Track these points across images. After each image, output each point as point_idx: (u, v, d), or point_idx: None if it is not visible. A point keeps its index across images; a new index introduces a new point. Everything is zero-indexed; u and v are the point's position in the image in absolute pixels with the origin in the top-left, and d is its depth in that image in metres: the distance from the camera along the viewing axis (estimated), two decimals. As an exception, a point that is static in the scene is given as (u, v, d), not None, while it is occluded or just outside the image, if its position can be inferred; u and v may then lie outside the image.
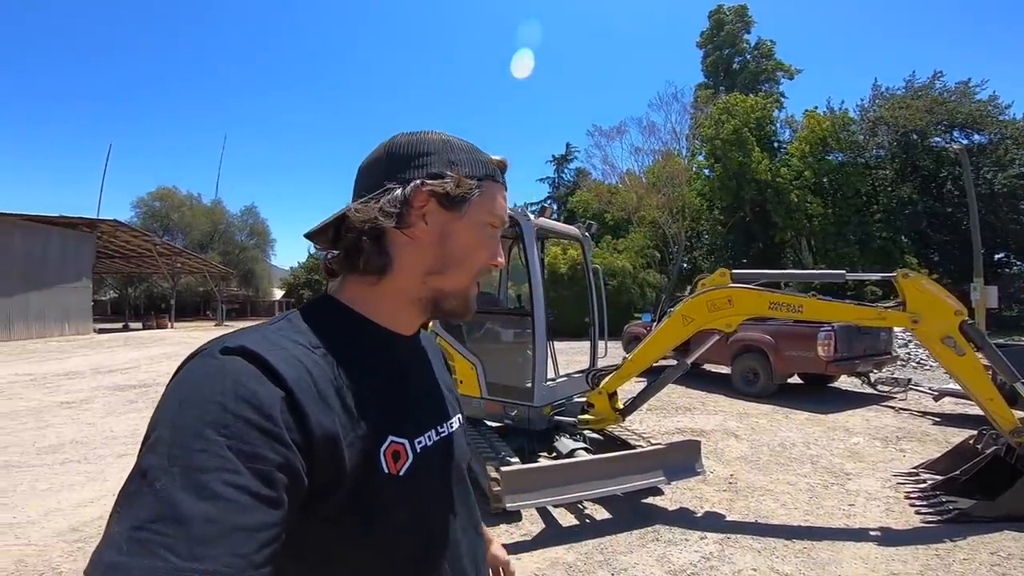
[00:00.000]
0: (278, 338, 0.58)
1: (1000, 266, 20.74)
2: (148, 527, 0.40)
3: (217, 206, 43.97)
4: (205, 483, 0.43)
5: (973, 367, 3.53)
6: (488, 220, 0.70)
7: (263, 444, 0.47)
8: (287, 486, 0.47)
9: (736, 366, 8.44)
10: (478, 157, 0.70)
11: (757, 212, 24.20)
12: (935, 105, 20.82)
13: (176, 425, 0.47)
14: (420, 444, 0.65)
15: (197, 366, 0.53)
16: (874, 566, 2.88)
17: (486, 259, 0.71)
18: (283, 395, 0.51)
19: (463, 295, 0.71)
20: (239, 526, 0.42)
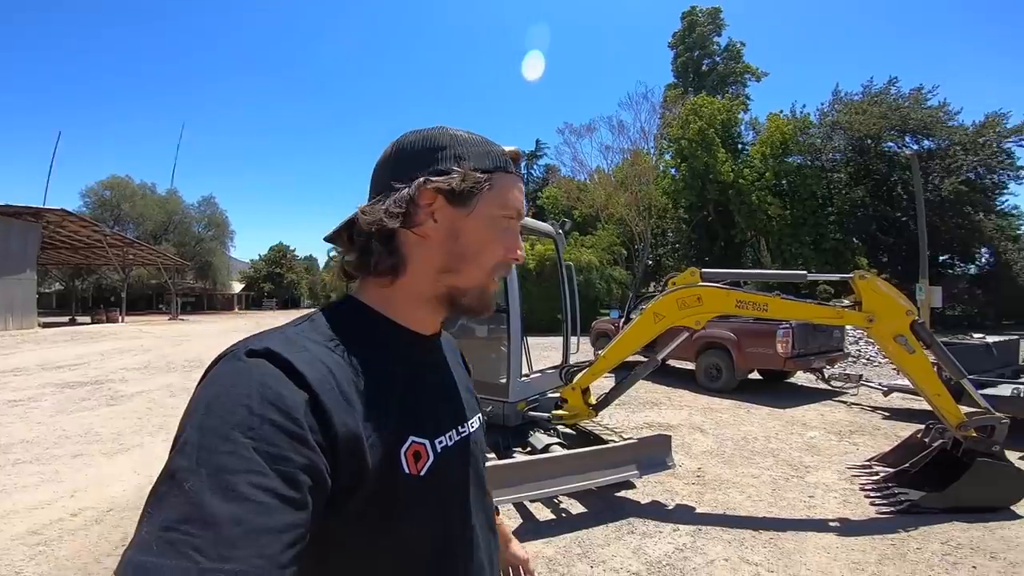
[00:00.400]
0: (301, 339, 0.59)
1: (944, 267, 21.94)
2: (177, 528, 0.41)
3: (172, 196, 42.60)
4: (232, 484, 0.44)
5: (922, 364, 3.71)
6: (501, 213, 0.69)
7: (288, 446, 0.48)
8: (311, 487, 0.48)
9: (700, 362, 8.70)
10: (487, 149, 0.70)
11: (720, 211, 24.89)
12: (889, 111, 21.66)
13: (204, 427, 0.48)
14: (440, 444, 0.66)
15: (224, 369, 0.54)
16: (835, 555, 3.04)
17: (502, 254, 0.70)
18: (307, 397, 0.52)
19: (480, 291, 0.71)
20: (265, 527, 0.43)
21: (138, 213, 39.17)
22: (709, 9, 35.42)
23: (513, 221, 0.71)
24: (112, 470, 4.62)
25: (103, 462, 4.83)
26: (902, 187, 21.74)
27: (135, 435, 5.79)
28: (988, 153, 20.43)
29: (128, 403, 7.42)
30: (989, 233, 20.85)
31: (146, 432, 5.91)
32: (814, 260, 21.32)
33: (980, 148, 20.45)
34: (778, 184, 23.64)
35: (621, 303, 17.16)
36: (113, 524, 3.56)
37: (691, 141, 23.58)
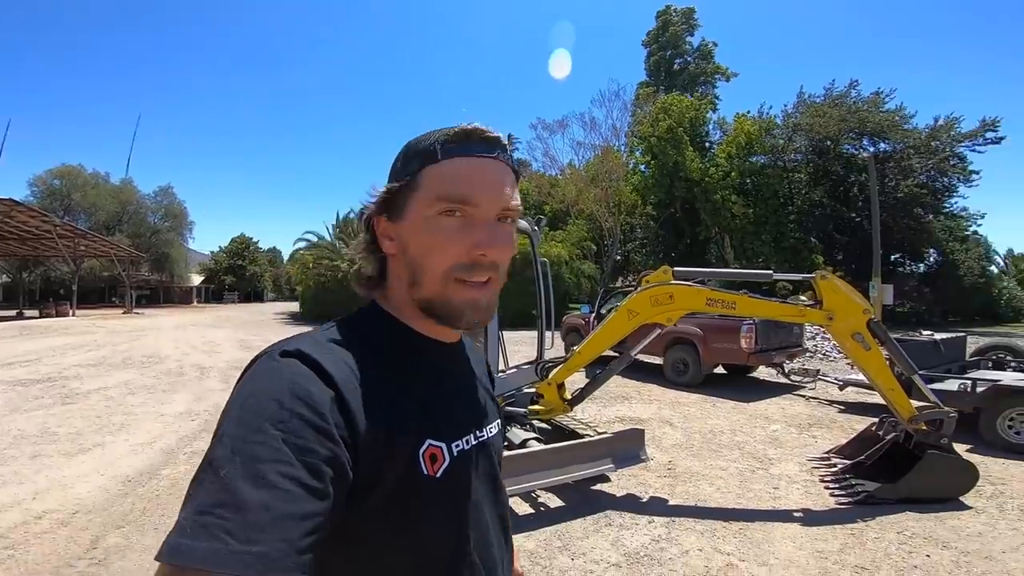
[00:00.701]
0: (329, 342, 0.63)
1: (895, 266, 23.00)
2: (212, 512, 0.45)
3: (127, 185, 41.05)
4: (263, 473, 0.47)
5: (877, 360, 3.90)
6: (435, 209, 0.63)
7: (314, 439, 0.51)
8: (333, 478, 0.51)
9: (668, 357, 8.92)
10: (417, 148, 0.66)
11: (686, 209, 25.43)
12: (848, 114, 22.44)
13: (239, 420, 0.52)
14: (457, 447, 0.68)
15: (259, 368, 0.59)
16: (801, 545, 3.22)
17: (457, 253, 0.64)
18: (333, 395, 0.55)
19: (443, 301, 0.66)
20: (289, 513, 0.46)
21: (90, 203, 37.67)
22: (683, 9, 35.99)
23: (468, 209, 0.63)
24: (73, 471, 4.46)
25: (63, 463, 4.66)
26: (858, 188, 22.63)
27: (95, 434, 5.58)
28: (940, 157, 21.44)
29: (85, 401, 7.13)
30: (938, 234, 21.97)
31: (106, 431, 5.71)
32: (774, 258, 22.03)
33: (933, 152, 21.44)
34: (742, 183, 24.29)
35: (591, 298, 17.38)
36: (81, 527, 3.45)
37: (660, 139, 23.98)
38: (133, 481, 4.28)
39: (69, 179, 37.62)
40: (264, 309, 37.98)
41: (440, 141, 0.64)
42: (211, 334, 17.61)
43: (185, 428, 5.91)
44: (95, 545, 3.21)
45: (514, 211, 0.67)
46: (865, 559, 3.02)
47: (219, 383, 8.72)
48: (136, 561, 3.04)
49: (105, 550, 3.15)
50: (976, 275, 22.06)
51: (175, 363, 10.81)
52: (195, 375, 9.47)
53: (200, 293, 51.52)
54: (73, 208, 37.05)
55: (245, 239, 55.81)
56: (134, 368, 10.04)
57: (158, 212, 42.67)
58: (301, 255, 26.48)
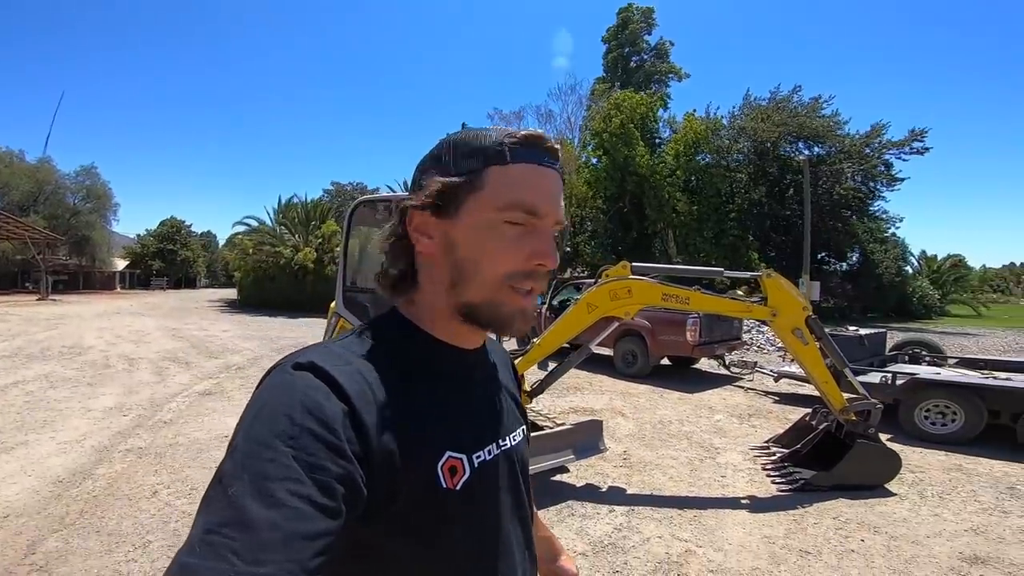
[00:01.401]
0: (344, 353, 0.61)
1: (822, 264, 24.61)
2: (219, 531, 0.44)
3: (44, 164, 37.71)
4: (271, 491, 0.46)
5: (813, 355, 4.16)
6: (502, 216, 0.62)
7: (325, 456, 0.50)
8: (345, 496, 0.50)
9: (618, 348, 9.17)
10: (476, 145, 0.63)
11: (635, 204, 26.08)
12: (788, 118, 23.54)
13: (250, 435, 0.51)
14: (478, 459, 0.66)
15: (272, 381, 0.56)
16: (750, 530, 3.42)
17: (516, 262, 0.62)
18: (346, 409, 0.54)
19: (492, 306, 0.64)
20: (298, 533, 0.45)
21: (2, 182, 34.46)
22: (643, 8, 36.57)
23: (532, 220, 0.62)
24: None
25: (-17, 464, 4.27)
26: (794, 189, 23.94)
27: (16, 432, 5.13)
28: (870, 164, 22.96)
29: (2, 396, 6.53)
30: (861, 235, 23.62)
31: (29, 429, 5.26)
32: (714, 253, 22.99)
33: (863, 158, 22.92)
34: (687, 181, 25.14)
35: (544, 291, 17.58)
36: (14, 531, 3.20)
37: (612, 134, 24.41)
38: (65, 482, 3.98)
39: (-22, 157, 34.25)
40: (197, 296, 35.97)
41: (508, 143, 0.62)
42: (138, 323, 16.50)
43: (117, 424, 5.53)
44: (32, 550, 2.98)
45: (562, 224, 0.66)
46: (808, 544, 3.25)
47: (151, 375, 8.20)
48: (80, 566, 2.85)
49: (45, 555, 2.94)
50: (893, 274, 23.90)
51: (100, 354, 10.06)
52: (123, 367, 8.85)
53: (125, 279, 48.06)
54: (-17, 188, 33.82)
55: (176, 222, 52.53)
56: (54, 360, 9.27)
57: (79, 193, 39.43)
58: (240, 240, 25.19)
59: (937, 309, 26.27)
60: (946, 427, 5.42)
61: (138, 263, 49.68)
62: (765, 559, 3.05)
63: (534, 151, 0.63)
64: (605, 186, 25.87)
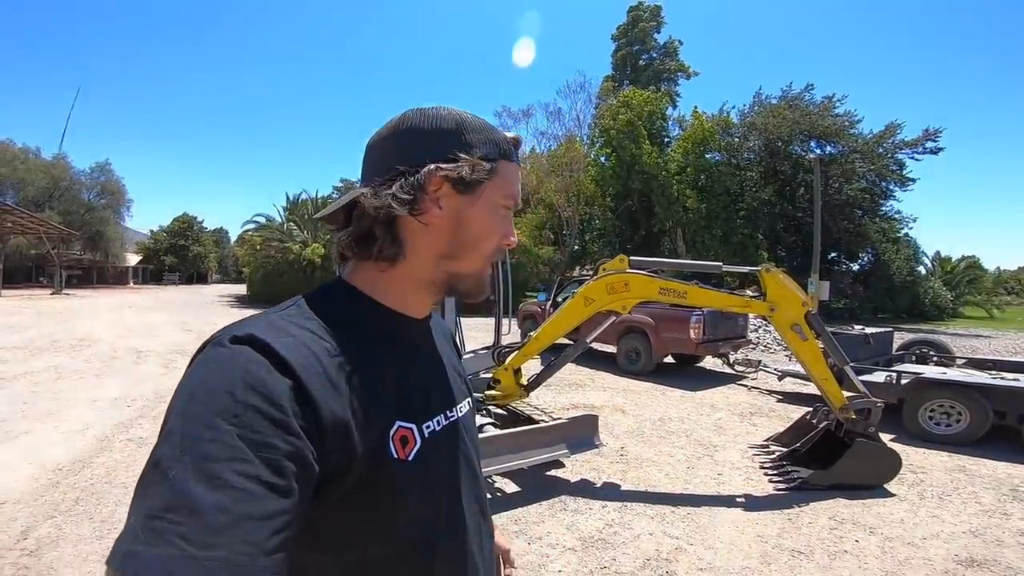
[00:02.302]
0: (286, 324, 0.58)
1: (833, 264, 24.30)
2: (162, 516, 0.42)
3: (60, 161, 38.61)
4: (216, 472, 0.44)
5: (813, 351, 4.10)
6: (503, 202, 0.70)
7: (273, 433, 0.48)
8: (297, 474, 0.48)
9: (621, 345, 9.14)
10: (492, 136, 0.69)
11: (643, 202, 25.94)
12: (800, 116, 23.25)
13: (187, 415, 0.48)
14: (428, 429, 0.66)
15: (207, 356, 0.54)
16: (743, 529, 3.38)
17: (499, 240, 0.71)
18: (291, 383, 0.52)
19: (477, 277, 0.72)
20: (250, 514, 0.44)
21: (19, 178, 35.29)
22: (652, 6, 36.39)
23: (510, 210, 0.72)
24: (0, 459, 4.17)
25: (-13, 451, 4.34)
26: (804, 188, 23.68)
27: (22, 421, 5.23)
28: (882, 163, 22.65)
29: (10, 386, 6.65)
30: (873, 235, 23.32)
31: (34, 418, 5.36)
32: (723, 252, 22.81)
33: (876, 157, 22.61)
34: (696, 179, 24.97)
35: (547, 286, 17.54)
36: (9, 517, 3.25)
37: (620, 132, 24.29)
38: (64, 470, 4.03)
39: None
40: (208, 291, 36.34)
41: (512, 145, 0.72)
42: (149, 316, 16.72)
43: (120, 414, 5.60)
44: (25, 536, 3.03)
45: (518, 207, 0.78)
46: (800, 543, 3.20)
47: (157, 367, 8.30)
48: (70, 551, 2.89)
49: (37, 540, 2.98)
50: (905, 275, 23.56)
51: (108, 346, 10.21)
52: (131, 359, 8.97)
53: (137, 274, 48.68)
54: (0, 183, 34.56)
55: (189, 218, 53.05)
56: (64, 352, 9.42)
57: (93, 189, 40.30)
58: (249, 236, 25.43)
59: (950, 311, 25.84)
60: (951, 428, 5.32)
61: (151, 259, 50.28)
62: (756, 558, 3.01)
63: (517, 153, 0.73)
64: (612, 184, 25.78)
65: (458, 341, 5.48)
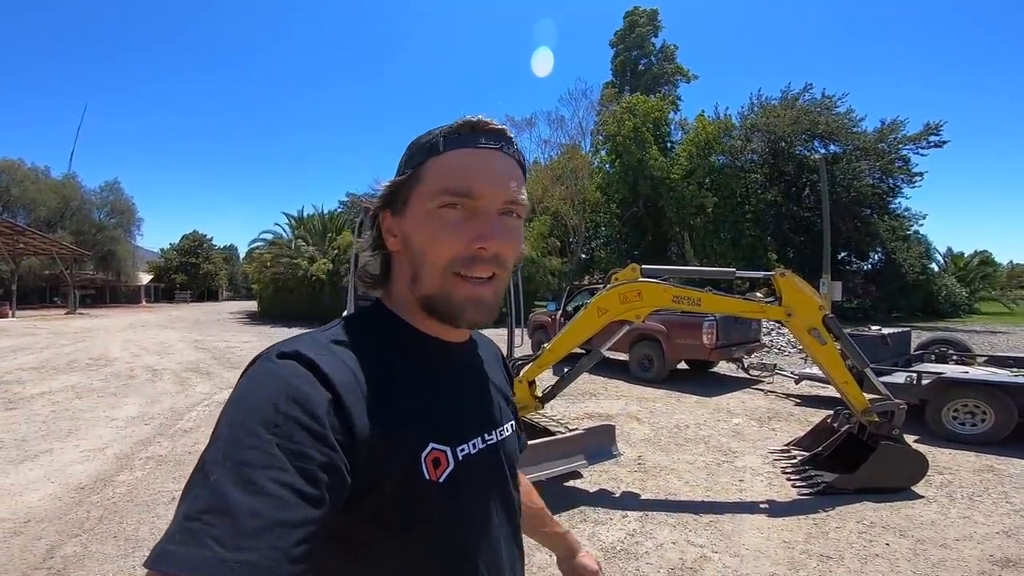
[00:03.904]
0: (329, 343, 0.61)
1: (843, 264, 24.08)
2: (200, 517, 0.44)
3: (70, 180, 38.97)
4: (254, 478, 0.46)
5: (832, 355, 4.06)
6: (436, 202, 0.62)
7: (309, 444, 0.50)
8: (329, 485, 0.50)
9: (633, 353, 9.08)
10: (421, 142, 0.66)
11: (649, 207, 25.92)
12: (801, 115, 23.24)
13: (233, 422, 0.51)
14: (463, 452, 0.66)
15: (257, 370, 0.56)
16: (768, 535, 3.33)
17: (456, 247, 0.62)
18: (330, 397, 0.54)
19: (443, 297, 0.64)
20: (281, 521, 0.45)
21: (30, 199, 35.67)
22: (648, 10, 36.56)
23: (470, 202, 0.62)
24: (21, 478, 4.22)
25: (10, 470, 4.41)
26: (810, 188, 23.56)
27: (42, 440, 5.27)
28: (887, 160, 22.53)
29: (29, 406, 6.72)
30: (883, 234, 23.11)
31: (54, 437, 5.40)
32: (731, 255, 22.68)
33: (880, 154, 22.51)
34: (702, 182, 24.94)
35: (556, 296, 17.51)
36: (35, 536, 3.28)
37: (626, 138, 24.34)
38: (87, 488, 4.06)
39: (8, 174, 35.56)
40: (219, 308, 36.63)
41: (443, 134, 0.64)
42: (163, 335, 16.86)
43: (139, 432, 5.64)
44: (51, 554, 3.05)
45: (520, 206, 0.65)
46: (829, 548, 3.15)
47: (173, 385, 8.36)
48: (96, 570, 2.91)
49: (63, 559, 2.99)
50: (917, 272, 23.30)
51: (125, 365, 10.30)
52: (146, 377, 9.04)
53: (149, 292, 49.20)
54: (12, 204, 35.15)
55: (199, 236, 53.63)
56: (80, 371, 9.52)
57: (104, 208, 40.69)
58: (259, 253, 25.66)
59: (965, 307, 25.49)
60: (975, 427, 5.23)
61: (162, 277, 50.82)
62: (784, 564, 2.96)
63: (470, 136, 0.64)
64: (618, 189, 25.77)
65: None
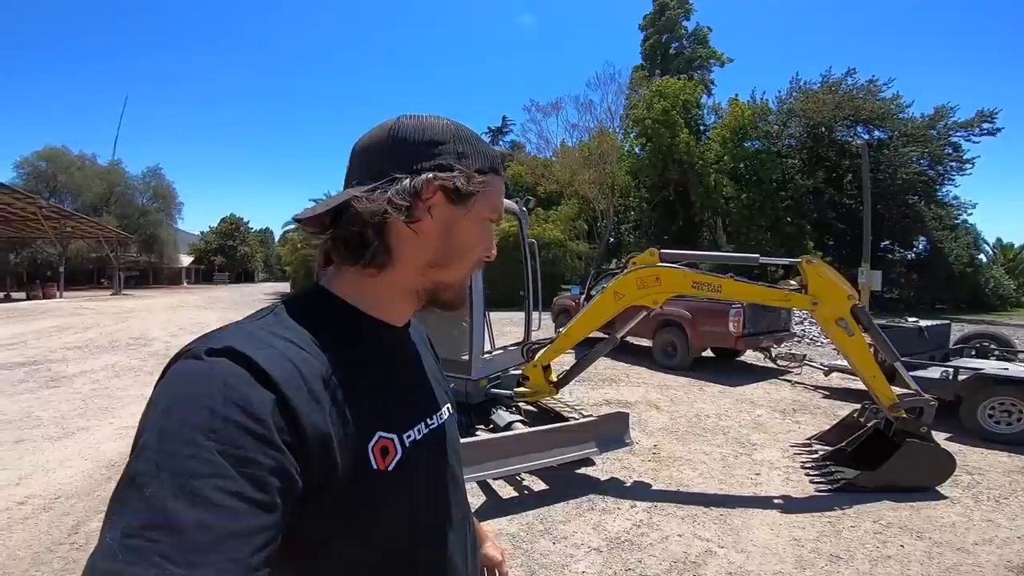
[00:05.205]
0: (265, 335, 0.57)
1: (885, 252, 23.10)
2: (141, 534, 0.41)
3: (114, 167, 40.75)
4: (197, 489, 0.43)
5: (860, 347, 3.91)
6: (489, 215, 0.71)
7: (255, 448, 0.47)
8: (280, 489, 0.48)
9: (657, 340, 8.94)
10: (484, 149, 0.70)
11: (680, 192, 25.36)
12: (843, 100, 22.25)
13: (163, 430, 0.47)
14: (409, 438, 0.65)
15: (183, 368, 0.52)
16: (779, 532, 3.25)
17: (482, 252, 0.72)
18: (274, 397, 0.50)
19: (460, 287, 0.73)
20: (234, 532, 0.43)
21: (76, 185, 37.34)
22: (679, -7, 35.52)
23: (493, 222, 0.73)
24: (57, 455, 4.43)
25: (47, 447, 4.63)
26: (853, 175, 22.61)
27: (79, 418, 5.55)
28: (936, 146, 21.44)
29: (70, 384, 7.07)
30: (928, 222, 22.07)
31: (91, 415, 5.68)
32: (770, 243, 22.06)
33: (929, 141, 21.43)
34: (736, 168, 24.22)
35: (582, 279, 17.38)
36: (63, 512, 3.44)
37: (655, 121, 23.79)
38: (117, 465, 4.25)
39: (54, 161, 37.21)
40: (255, 290, 37.74)
41: (500, 161, 0.73)
42: (201, 315, 17.47)
43: (171, 411, 5.88)
44: (76, 530, 3.19)
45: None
46: (840, 547, 3.06)
47: (207, 365, 8.66)
48: (116, 546, 3.03)
49: (86, 535, 3.13)
50: (964, 263, 22.22)
51: (163, 345, 10.73)
52: (183, 357, 9.40)
53: (190, 274, 51.09)
54: (59, 189, 36.68)
55: (235, 219, 55.14)
56: (121, 351, 9.96)
57: (146, 193, 42.37)
58: (291, 236, 26.27)
59: (1013, 300, 24.21)
60: (1011, 427, 4.98)
61: (202, 259, 52.59)
62: (790, 563, 2.89)
63: (503, 170, 0.75)
64: (648, 174, 25.28)
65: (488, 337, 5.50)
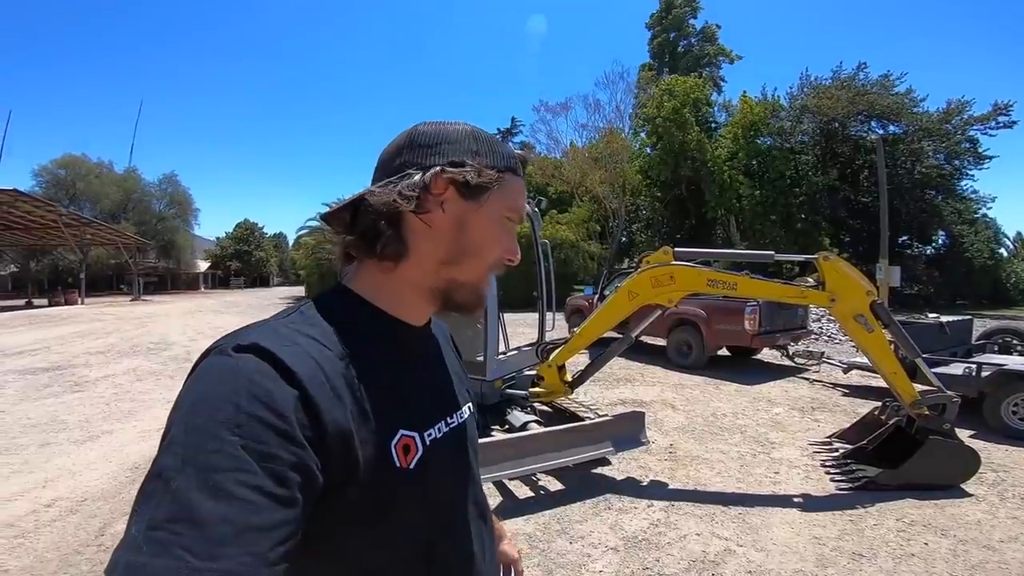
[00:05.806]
0: (290, 332, 0.58)
1: (903, 248, 22.72)
2: (165, 527, 0.42)
3: (131, 174, 41.66)
4: (220, 483, 0.44)
5: (880, 343, 3.85)
6: (507, 213, 0.70)
7: (277, 443, 0.48)
8: (301, 485, 0.48)
9: (671, 339, 8.88)
10: (500, 149, 0.70)
11: (692, 190, 25.17)
12: (856, 96, 21.90)
13: (189, 425, 0.48)
14: (430, 436, 0.66)
15: (210, 365, 0.54)
16: (799, 531, 3.21)
17: (501, 253, 0.71)
18: (297, 394, 0.51)
19: (476, 288, 0.71)
20: (254, 525, 0.44)
21: (94, 192, 38.22)
22: (686, -9, 35.36)
23: (514, 223, 0.72)
24: (82, 458, 4.53)
25: (72, 450, 4.73)
26: (868, 171, 22.28)
27: (103, 422, 5.66)
28: (952, 140, 21.06)
29: (93, 389, 7.22)
30: (947, 216, 21.66)
31: (114, 418, 5.79)
32: (783, 240, 21.80)
33: (944, 135, 21.06)
34: (748, 164, 23.98)
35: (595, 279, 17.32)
36: (89, 514, 3.50)
37: (666, 119, 23.66)
38: (141, 468, 4.33)
39: (73, 169, 38.07)
40: (270, 294, 38.23)
41: (519, 161, 0.73)
42: (219, 320, 17.73)
43: (192, 413, 5.97)
44: (103, 532, 3.25)
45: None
46: (863, 546, 3.01)
47: (225, 368, 8.78)
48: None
49: (113, 536, 3.18)
50: (985, 258, 21.77)
51: (183, 349, 10.91)
52: (202, 361, 9.54)
53: (207, 279, 51.92)
54: (78, 197, 37.56)
55: (250, 224, 55.96)
56: (142, 355, 10.14)
57: (163, 199, 43.20)
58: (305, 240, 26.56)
59: (1035, 294, 23.67)
60: (1037, 423, 4.87)
61: (218, 264, 53.42)
62: (811, 561, 2.85)
63: (524, 168, 0.75)
64: (659, 172, 25.13)
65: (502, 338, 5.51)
